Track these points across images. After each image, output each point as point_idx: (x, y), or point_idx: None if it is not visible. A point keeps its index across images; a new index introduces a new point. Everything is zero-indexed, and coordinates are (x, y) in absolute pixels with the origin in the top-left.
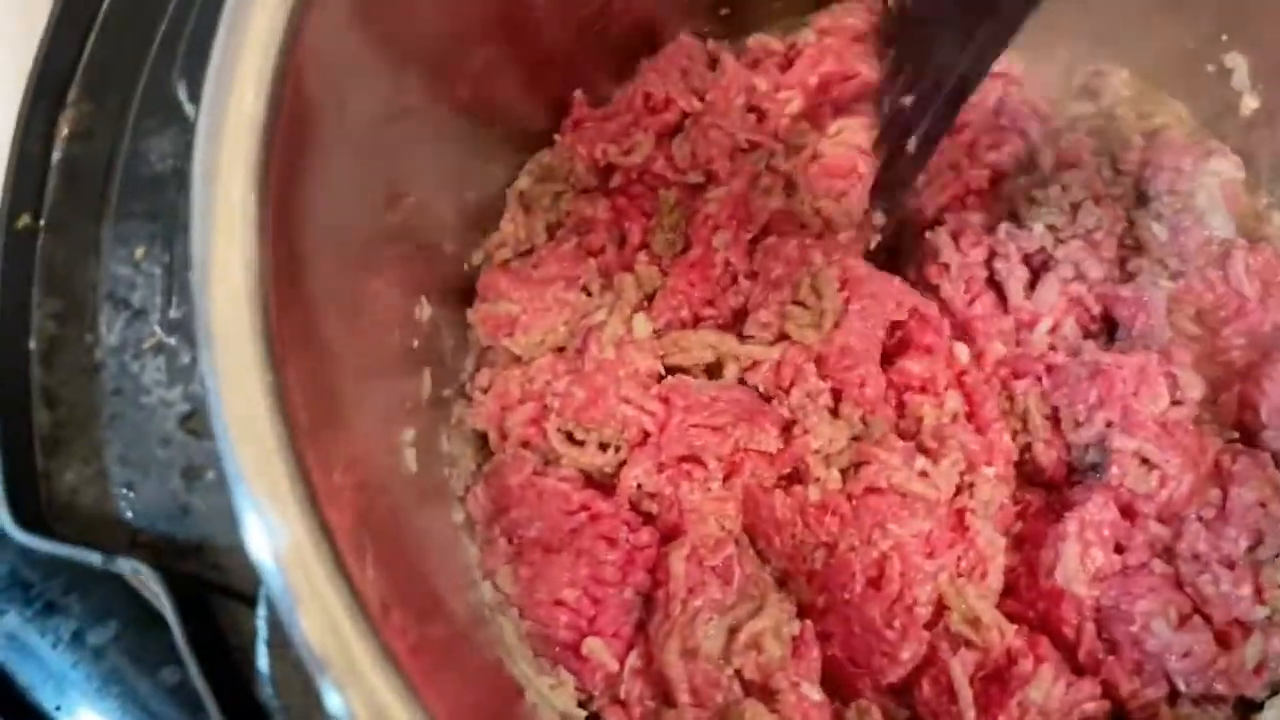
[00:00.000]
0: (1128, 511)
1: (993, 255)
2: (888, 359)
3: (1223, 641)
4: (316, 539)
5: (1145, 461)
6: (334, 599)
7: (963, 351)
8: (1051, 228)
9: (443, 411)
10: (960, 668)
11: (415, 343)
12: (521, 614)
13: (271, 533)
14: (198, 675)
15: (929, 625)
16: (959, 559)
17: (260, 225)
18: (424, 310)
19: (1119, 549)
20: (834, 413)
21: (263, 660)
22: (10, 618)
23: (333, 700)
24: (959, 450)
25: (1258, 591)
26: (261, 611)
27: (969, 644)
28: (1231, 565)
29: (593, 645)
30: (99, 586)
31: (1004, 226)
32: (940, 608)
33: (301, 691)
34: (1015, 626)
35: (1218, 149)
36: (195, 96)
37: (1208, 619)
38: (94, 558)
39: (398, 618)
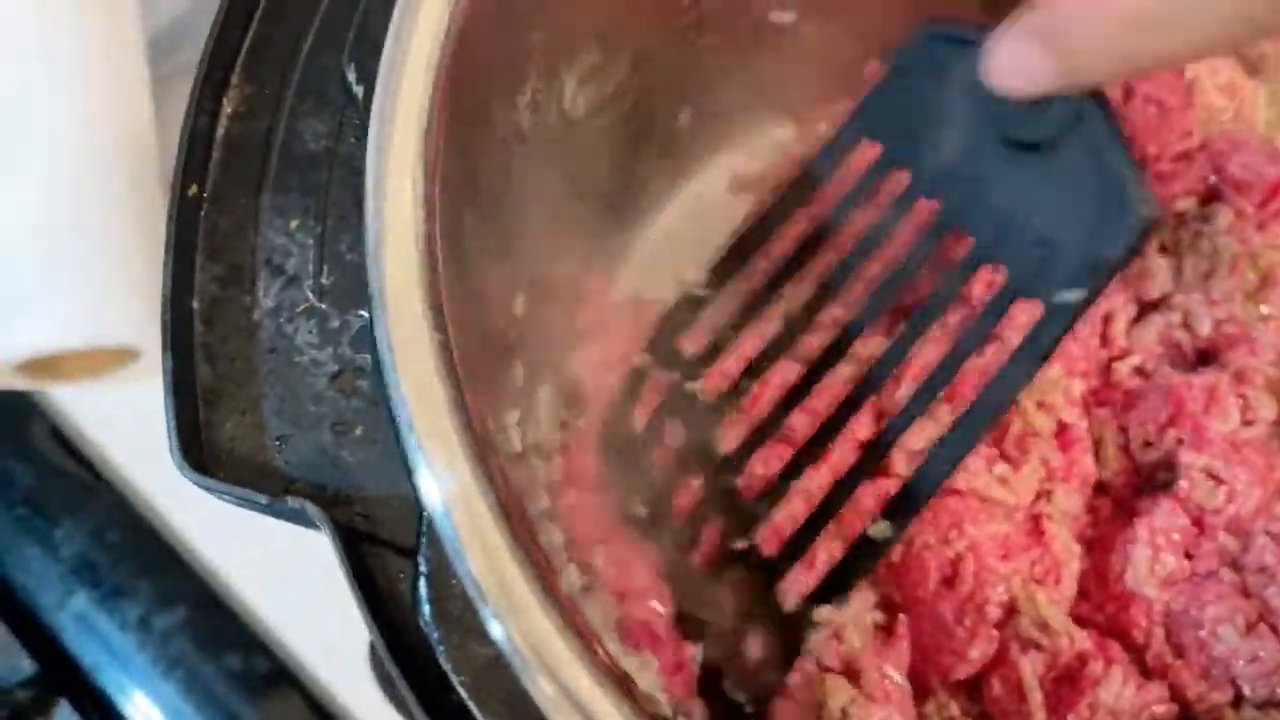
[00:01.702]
0: (1196, 522)
1: None
2: None
3: None
4: (481, 486)
5: (1213, 477)
6: (495, 539)
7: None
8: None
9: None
10: (1030, 668)
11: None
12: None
13: (439, 480)
14: (363, 609)
15: (999, 625)
16: (1033, 563)
17: (427, 197)
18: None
19: (1188, 555)
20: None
21: (423, 592)
22: (79, 599)
23: (495, 628)
24: (1039, 459)
25: None
26: (423, 549)
27: (1038, 647)
28: None
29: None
30: (167, 571)
31: None
32: (1011, 609)
33: (460, 631)
34: (1086, 631)
35: None
36: (363, 79)
37: (1273, 628)
38: (260, 498)
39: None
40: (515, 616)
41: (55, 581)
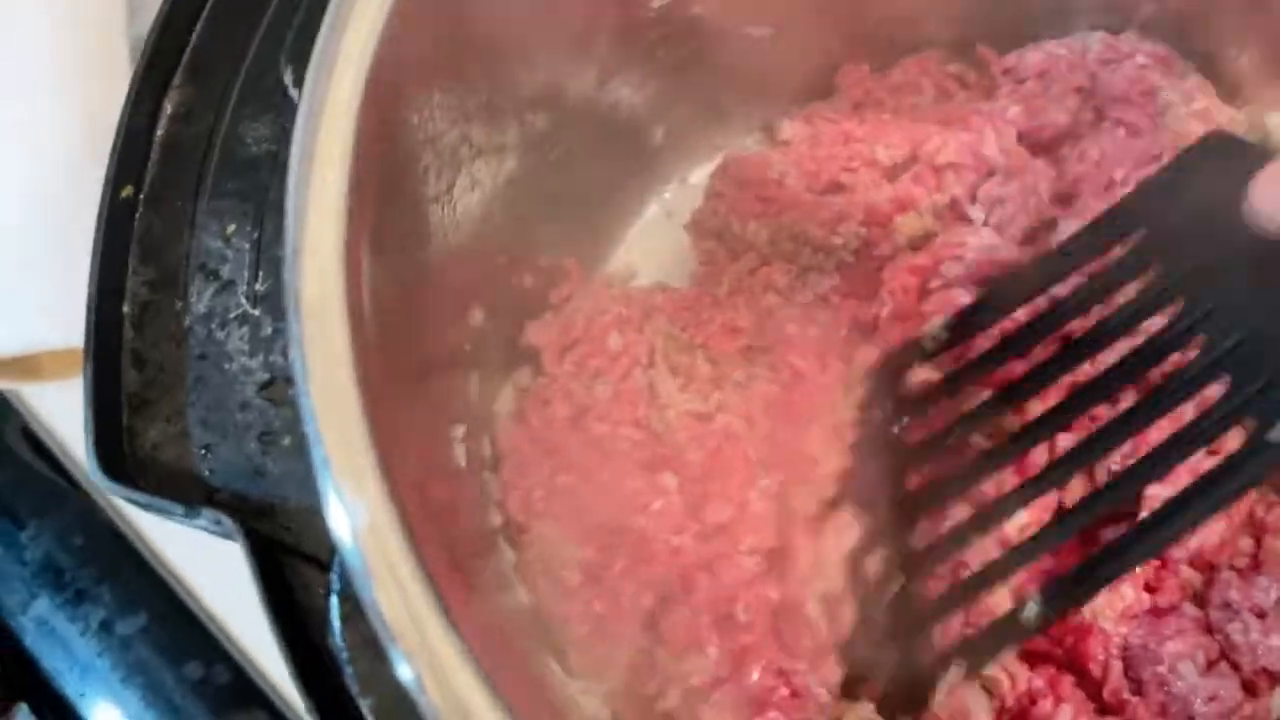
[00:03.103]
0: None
1: None
2: None
3: (1249, 689)
4: (392, 519)
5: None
6: (407, 575)
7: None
8: None
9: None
10: (980, 708)
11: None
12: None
13: (350, 512)
14: (274, 627)
15: None
16: None
17: (350, 205)
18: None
19: (1149, 589)
20: None
21: (335, 620)
22: (41, 602)
23: (403, 670)
24: None
25: None
26: (335, 576)
27: (985, 688)
28: (1262, 615)
29: None
30: (130, 577)
31: None
32: None
33: (370, 653)
34: (1039, 668)
35: None
36: (299, 82)
37: (1235, 666)
38: (177, 509)
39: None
40: (425, 656)
41: (18, 584)
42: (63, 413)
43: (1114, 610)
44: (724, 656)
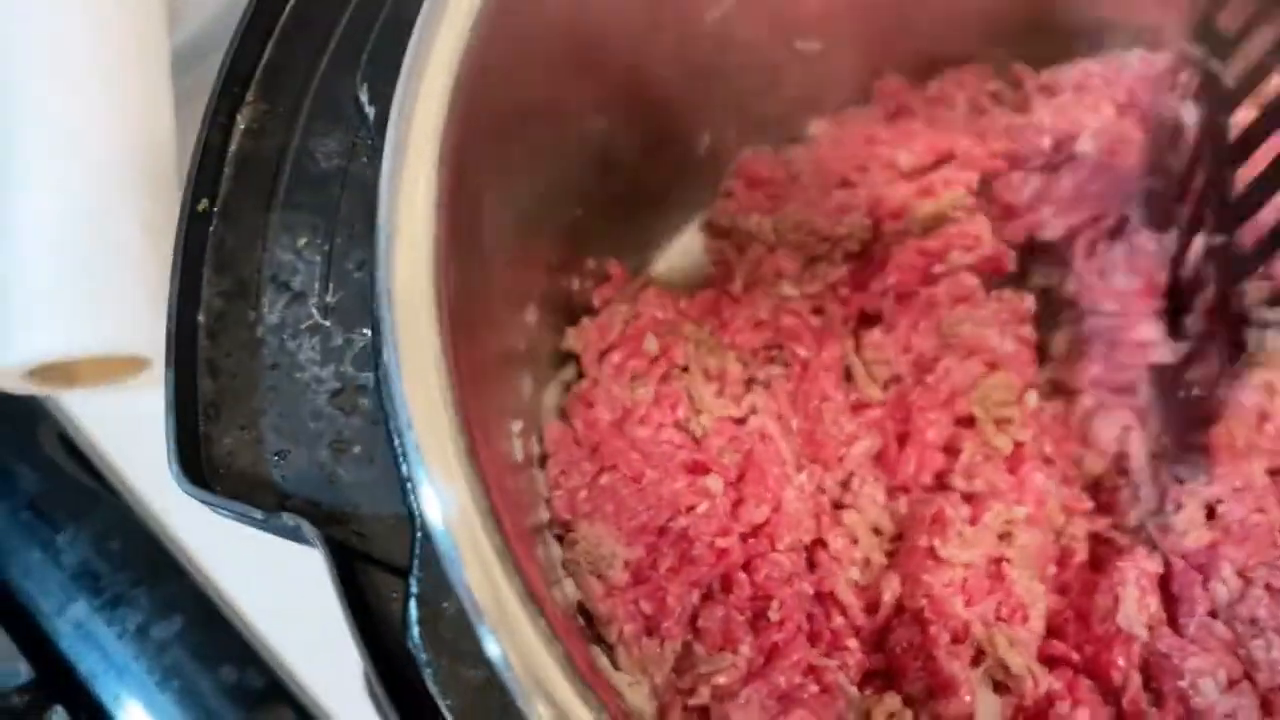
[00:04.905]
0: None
1: None
2: None
3: (1267, 708)
4: (480, 505)
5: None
6: (492, 558)
7: (1031, 398)
8: None
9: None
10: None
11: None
12: None
13: (442, 497)
14: (354, 630)
15: (974, 663)
16: (999, 605)
17: (440, 201)
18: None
19: (1175, 600)
20: None
21: (413, 614)
22: (79, 606)
23: (490, 645)
24: (996, 501)
25: None
26: (414, 570)
27: (1006, 687)
28: None
29: None
30: (167, 581)
31: None
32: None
33: (448, 655)
34: (1057, 670)
35: None
36: (374, 99)
37: (1254, 684)
38: (256, 513)
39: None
40: (510, 634)
41: (55, 588)
42: (100, 418)
43: (1141, 620)
44: (756, 654)
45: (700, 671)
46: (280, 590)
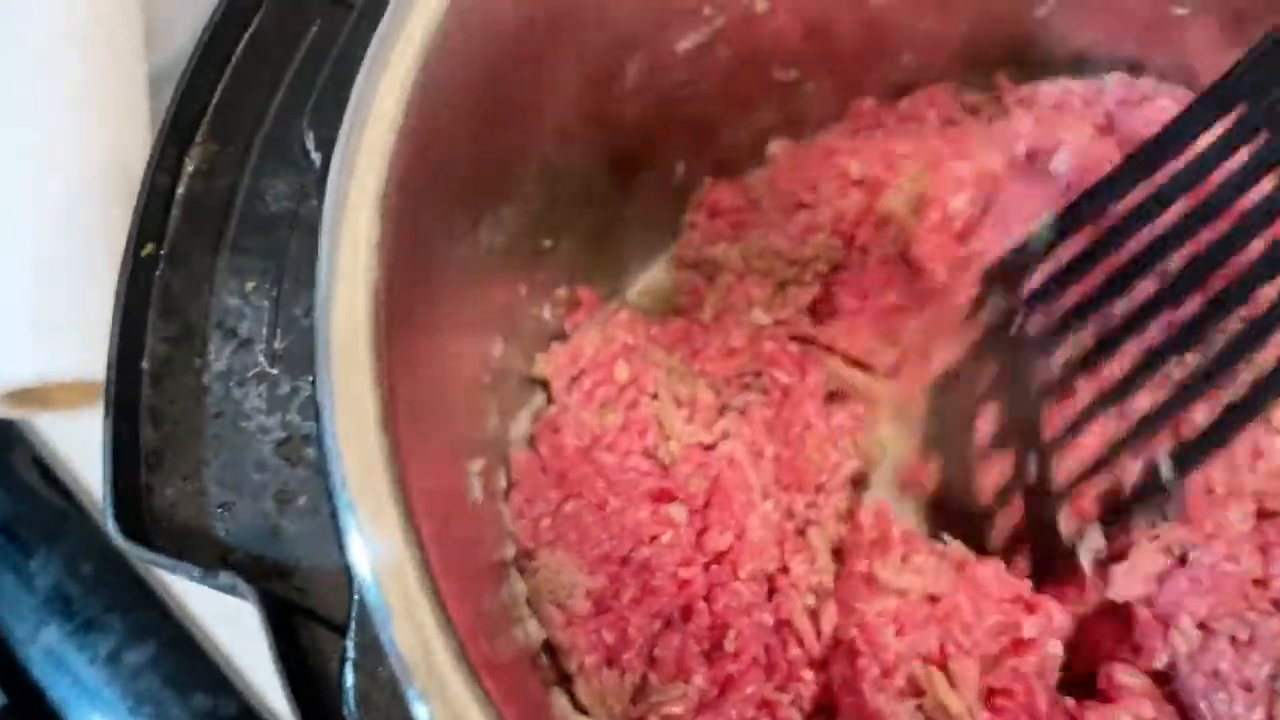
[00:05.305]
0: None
1: None
2: None
3: None
4: (413, 554)
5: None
6: (425, 612)
7: None
8: None
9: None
10: None
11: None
12: None
13: (371, 546)
14: (286, 689)
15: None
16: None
17: (380, 251)
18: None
19: (1135, 648)
20: None
21: (349, 680)
22: (50, 631)
23: (418, 709)
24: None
25: (1270, 718)
26: (351, 633)
27: None
28: (1250, 688)
29: None
30: (139, 606)
31: None
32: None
33: (385, 713)
34: (996, 712)
35: None
36: (320, 145)
37: None
38: (194, 571)
39: (475, 638)
40: (441, 697)
41: (27, 612)
42: (73, 441)
43: None
44: (709, 685)
45: (652, 701)
46: (254, 617)
